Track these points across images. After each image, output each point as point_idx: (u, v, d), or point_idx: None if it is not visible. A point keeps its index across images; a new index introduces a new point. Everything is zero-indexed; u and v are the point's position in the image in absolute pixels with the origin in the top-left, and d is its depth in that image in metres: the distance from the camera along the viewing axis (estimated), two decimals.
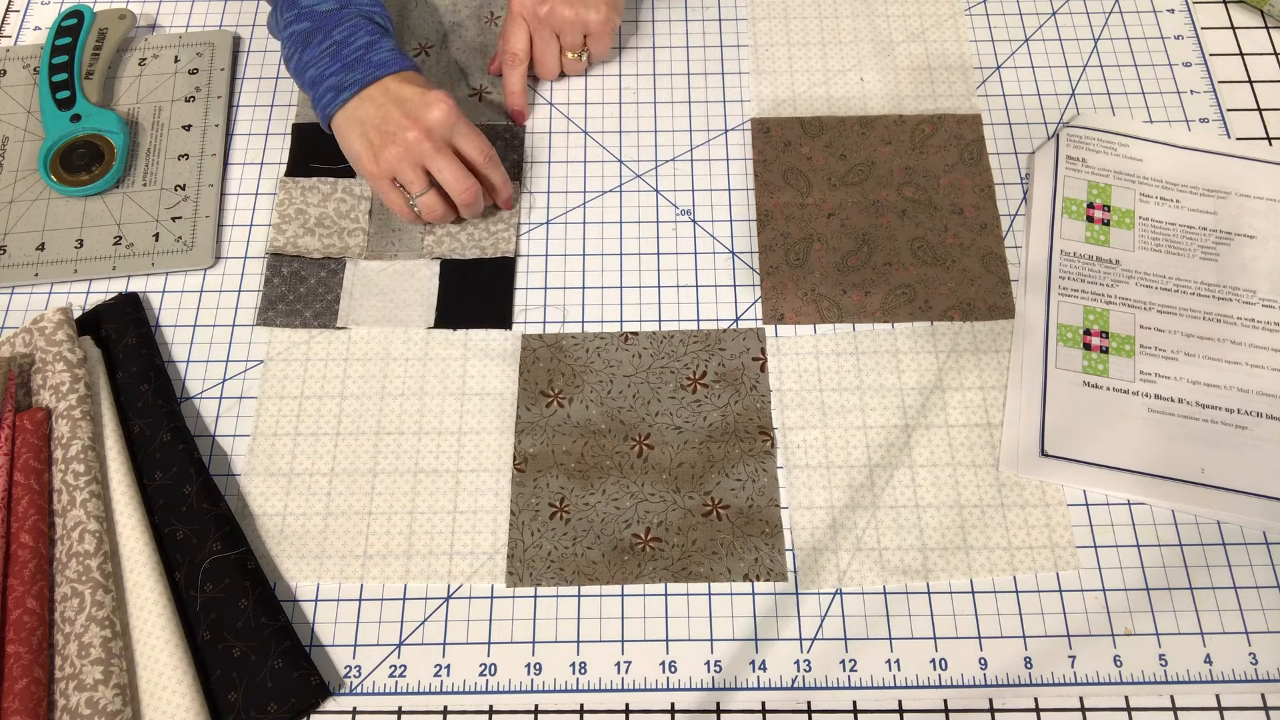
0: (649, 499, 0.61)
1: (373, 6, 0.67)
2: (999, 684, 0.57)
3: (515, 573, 0.60)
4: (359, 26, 0.65)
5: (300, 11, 0.66)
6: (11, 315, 0.69)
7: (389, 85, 0.64)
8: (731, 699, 0.57)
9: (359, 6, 0.66)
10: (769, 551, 0.60)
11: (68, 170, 0.71)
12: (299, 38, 0.66)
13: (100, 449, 0.61)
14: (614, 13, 0.71)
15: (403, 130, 0.63)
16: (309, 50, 0.65)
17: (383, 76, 0.64)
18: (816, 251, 0.70)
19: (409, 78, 0.65)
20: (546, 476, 0.62)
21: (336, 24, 0.65)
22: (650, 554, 0.60)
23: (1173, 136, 0.74)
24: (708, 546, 0.60)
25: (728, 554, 0.60)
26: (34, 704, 0.52)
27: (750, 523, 0.61)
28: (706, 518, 0.61)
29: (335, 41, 0.64)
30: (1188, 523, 0.61)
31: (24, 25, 0.81)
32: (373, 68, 0.64)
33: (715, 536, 0.60)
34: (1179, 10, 0.80)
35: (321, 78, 0.65)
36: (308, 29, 0.65)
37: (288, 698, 0.55)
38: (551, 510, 0.61)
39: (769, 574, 0.60)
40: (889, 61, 0.77)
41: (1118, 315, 0.67)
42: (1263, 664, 0.57)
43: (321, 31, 0.65)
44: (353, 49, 0.64)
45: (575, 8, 0.70)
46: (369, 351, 0.67)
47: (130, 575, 0.57)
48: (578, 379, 0.65)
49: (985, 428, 0.64)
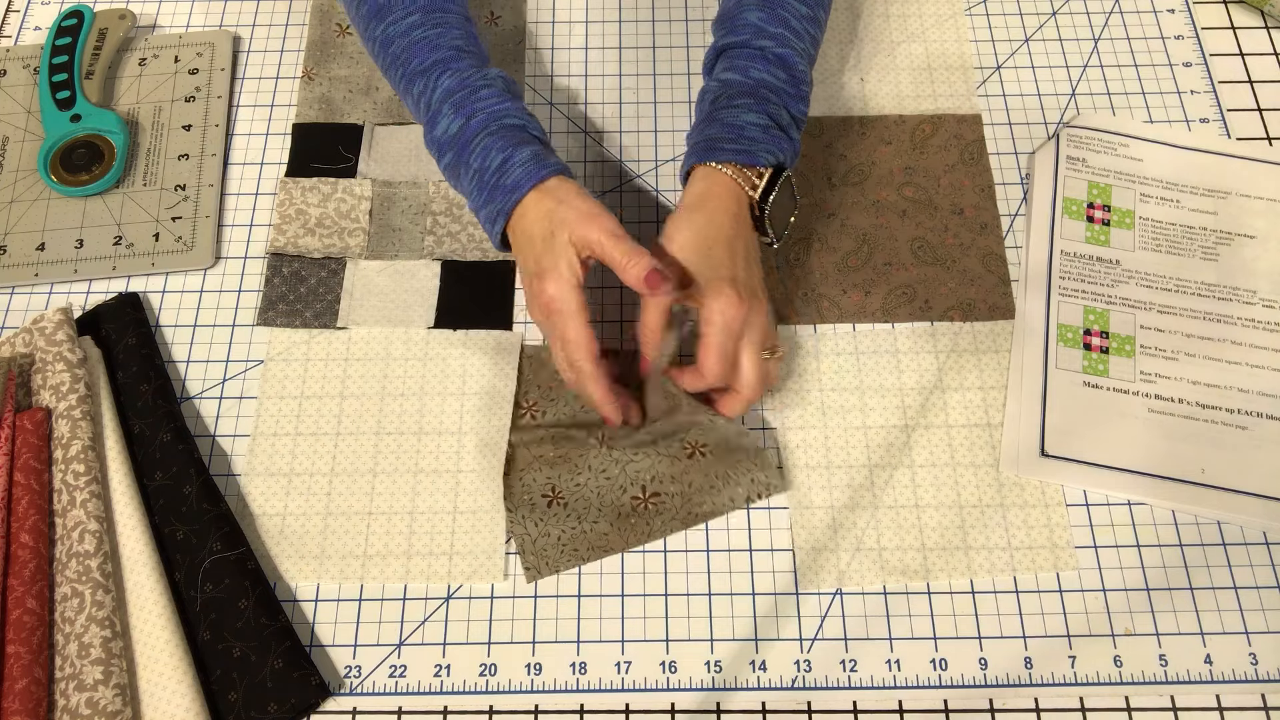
0: (635, 459, 0.61)
1: (500, 103, 0.61)
2: (999, 684, 0.57)
3: (533, 567, 0.60)
4: (489, 148, 0.59)
5: (439, 144, 0.62)
6: (11, 315, 0.69)
7: (528, 215, 0.58)
8: (731, 699, 0.57)
9: (486, 113, 0.60)
10: (761, 470, 0.61)
11: (68, 170, 0.71)
12: (449, 170, 0.62)
13: (100, 449, 0.61)
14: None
15: (529, 290, 0.59)
16: (460, 183, 0.62)
17: (518, 200, 0.58)
18: (816, 251, 0.70)
19: (541, 203, 0.58)
20: (531, 472, 0.62)
21: (468, 149, 0.60)
22: (654, 509, 0.60)
23: (1173, 136, 0.74)
24: (704, 484, 0.60)
25: (725, 484, 0.60)
26: (34, 704, 0.52)
27: (732, 451, 0.61)
28: (691, 459, 0.61)
29: (474, 169, 0.60)
30: (1188, 523, 0.61)
31: (24, 25, 0.81)
32: (507, 193, 0.58)
33: (708, 471, 0.61)
34: (1179, 10, 0.80)
35: (477, 209, 0.61)
36: (451, 160, 0.61)
37: (288, 698, 0.55)
38: (547, 500, 0.61)
39: (768, 489, 0.60)
40: (889, 61, 0.77)
41: (1118, 315, 0.67)
42: (1263, 664, 0.57)
43: (461, 161, 0.61)
44: (489, 174, 0.59)
45: (765, 307, 0.61)
46: (369, 352, 0.67)
47: (130, 575, 0.57)
48: (554, 393, 0.65)
49: (985, 428, 0.64)
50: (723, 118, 0.61)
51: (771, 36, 0.63)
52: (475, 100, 0.60)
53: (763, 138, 0.61)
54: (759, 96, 0.62)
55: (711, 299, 0.57)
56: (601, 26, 0.80)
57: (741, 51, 0.63)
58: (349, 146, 0.74)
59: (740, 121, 0.61)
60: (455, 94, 0.61)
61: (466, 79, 0.61)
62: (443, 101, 0.61)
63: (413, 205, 0.72)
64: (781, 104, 0.62)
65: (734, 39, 0.63)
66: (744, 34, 0.63)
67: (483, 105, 0.60)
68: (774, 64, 0.62)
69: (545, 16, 0.80)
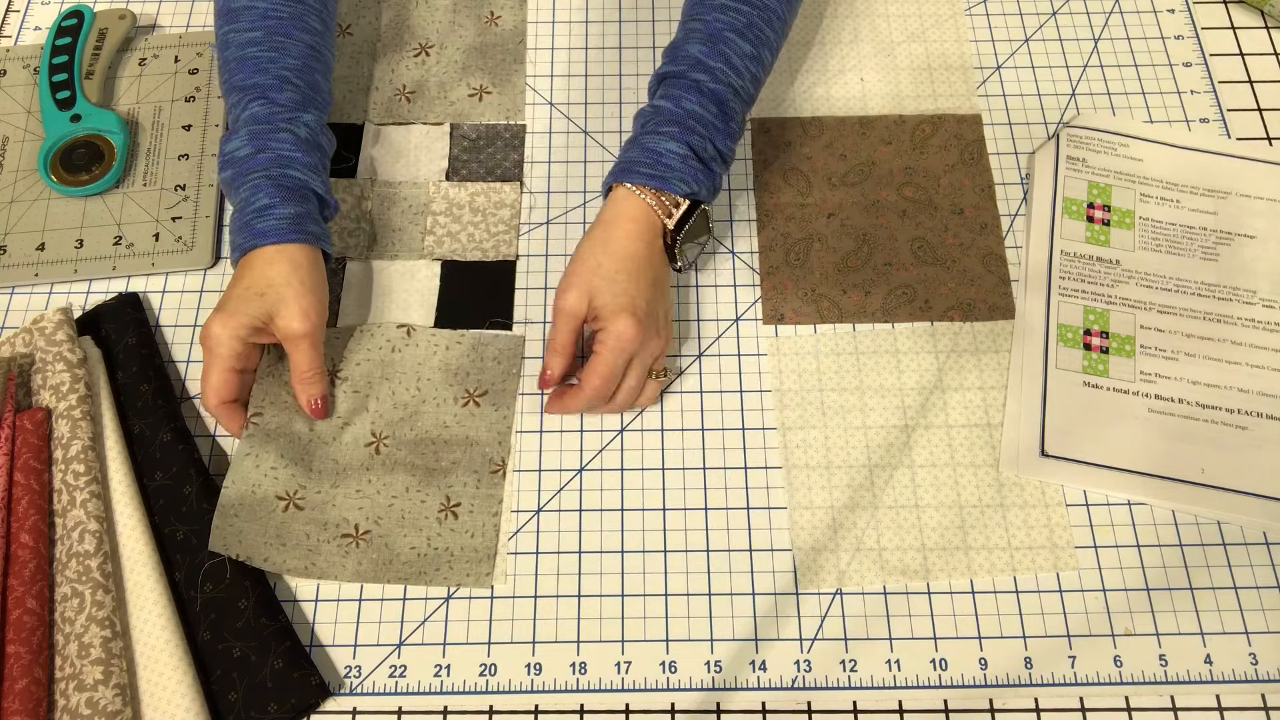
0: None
1: (292, 150, 0.62)
2: (999, 684, 0.57)
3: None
4: (259, 188, 0.61)
5: (225, 159, 0.63)
6: (11, 315, 0.69)
7: (252, 264, 0.60)
8: (731, 699, 0.57)
9: (275, 152, 0.62)
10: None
11: (68, 170, 0.71)
12: (224, 184, 0.63)
13: (100, 449, 0.61)
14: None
15: (208, 321, 0.60)
16: (231, 201, 0.63)
17: (256, 246, 0.60)
18: (816, 251, 0.70)
19: (267, 264, 0.60)
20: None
21: (245, 179, 0.62)
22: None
23: (1173, 136, 0.74)
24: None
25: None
26: (34, 704, 0.52)
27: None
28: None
29: (242, 199, 0.62)
30: (1188, 523, 0.61)
31: (24, 25, 0.81)
32: (253, 236, 0.60)
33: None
34: (1179, 10, 0.80)
35: (232, 230, 0.62)
36: (228, 178, 0.63)
37: (288, 698, 0.55)
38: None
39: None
40: (889, 61, 0.77)
41: (1118, 315, 0.67)
42: (1263, 664, 0.57)
43: (235, 183, 0.62)
44: (250, 210, 0.61)
45: (663, 334, 0.63)
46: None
47: (130, 575, 0.57)
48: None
49: (985, 428, 0.64)
50: (645, 142, 0.63)
51: (709, 71, 0.63)
52: (270, 137, 0.62)
53: (680, 167, 0.62)
54: (685, 126, 0.62)
55: (609, 323, 0.60)
56: (601, 26, 0.80)
57: (678, 81, 0.64)
58: (349, 146, 0.74)
59: (660, 149, 0.62)
60: (258, 124, 0.63)
61: (275, 114, 0.63)
62: (245, 125, 0.63)
63: (413, 205, 0.72)
64: (708, 137, 0.63)
65: (674, 68, 0.64)
66: (683, 64, 0.64)
67: (275, 146, 0.62)
68: (707, 97, 0.63)
69: (545, 16, 0.80)
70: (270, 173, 0.62)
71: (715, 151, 0.63)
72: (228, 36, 0.65)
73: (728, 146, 0.64)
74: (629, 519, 0.62)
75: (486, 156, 0.74)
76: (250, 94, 0.64)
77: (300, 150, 0.63)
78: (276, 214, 0.61)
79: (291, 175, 0.62)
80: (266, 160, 0.62)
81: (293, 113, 0.64)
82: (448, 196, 0.72)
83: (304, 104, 0.65)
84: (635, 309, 0.60)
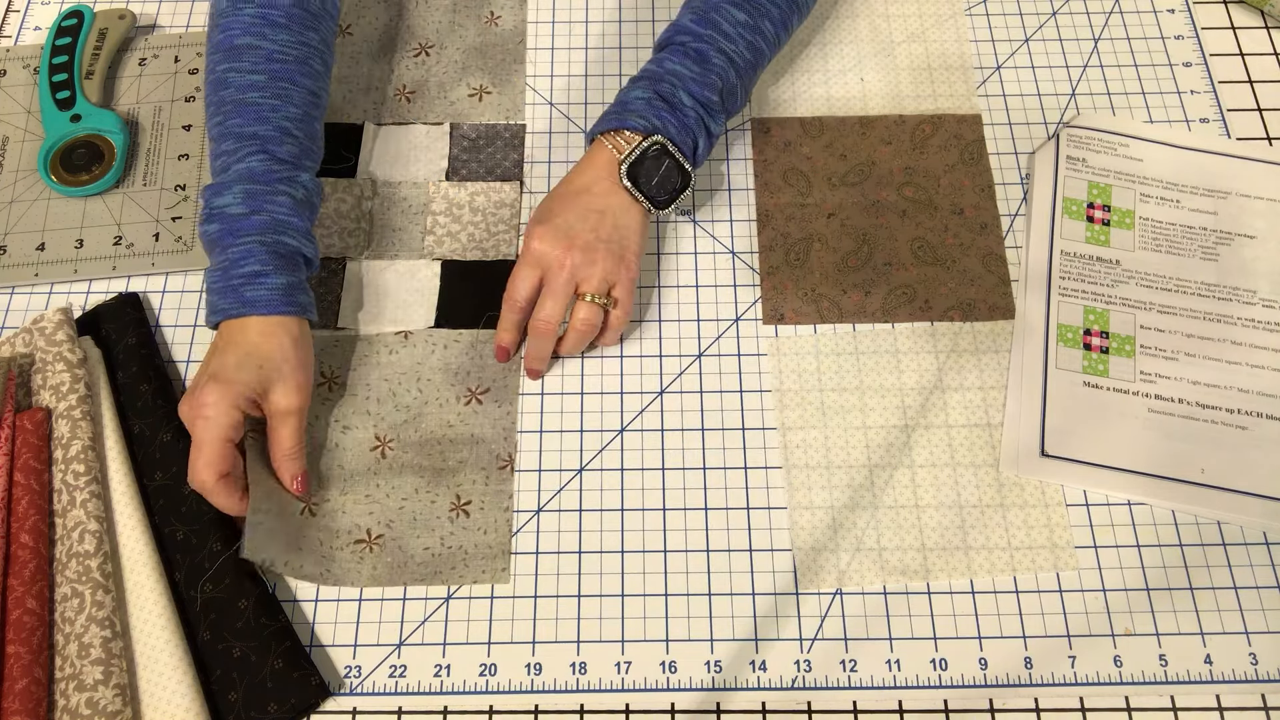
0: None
1: (289, 216, 0.60)
2: (999, 684, 0.57)
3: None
4: (251, 253, 0.59)
5: (211, 212, 0.60)
6: (11, 315, 0.69)
7: (240, 333, 0.58)
8: (731, 699, 0.57)
9: (271, 215, 0.60)
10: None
11: (68, 170, 0.71)
12: (207, 239, 0.61)
13: (100, 449, 0.61)
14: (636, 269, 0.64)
15: (193, 389, 0.58)
16: (211, 256, 0.61)
17: (242, 315, 0.58)
18: (816, 251, 0.70)
19: (260, 336, 0.58)
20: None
21: (235, 239, 0.59)
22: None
23: (1173, 136, 0.74)
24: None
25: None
26: (34, 704, 0.52)
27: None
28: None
29: (229, 259, 0.59)
30: (1188, 523, 0.61)
31: (24, 25, 0.81)
32: (240, 304, 0.58)
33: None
34: (1179, 10, 0.80)
35: (209, 288, 0.60)
36: (214, 233, 0.60)
37: (288, 698, 0.55)
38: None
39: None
40: (889, 61, 0.77)
41: (1118, 315, 0.67)
42: (1263, 664, 0.57)
43: (222, 243, 0.59)
44: (237, 274, 0.59)
45: (604, 257, 0.62)
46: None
47: (130, 575, 0.57)
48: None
49: (985, 428, 0.64)
50: (618, 97, 0.66)
51: (696, 35, 0.66)
52: (266, 200, 0.60)
53: (641, 108, 0.64)
54: (656, 79, 0.65)
55: (528, 238, 0.63)
56: (601, 26, 0.80)
57: (667, 48, 0.67)
58: (349, 146, 0.74)
59: (627, 97, 0.65)
60: (255, 181, 0.60)
61: (273, 170, 0.61)
62: (239, 180, 0.60)
63: (413, 205, 0.72)
64: (680, 86, 0.65)
65: (665, 38, 0.68)
66: (672, 33, 0.67)
67: (271, 209, 0.60)
68: (689, 56, 0.65)
69: (545, 16, 0.80)
70: (265, 239, 0.59)
71: (691, 99, 0.65)
72: (226, 75, 0.62)
73: (703, 95, 0.65)
74: (629, 519, 0.62)
75: (486, 156, 0.74)
76: (249, 145, 0.61)
77: (296, 214, 0.61)
78: (269, 283, 0.59)
79: (285, 242, 0.60)
80: (261, 224, 0.59)
81: (292, 170, 0.62)
82: (448, 196, 0.72)
83: (301, 157, 0.63)
84: (549, 222, 0.62)
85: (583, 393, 0.66)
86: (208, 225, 0.60)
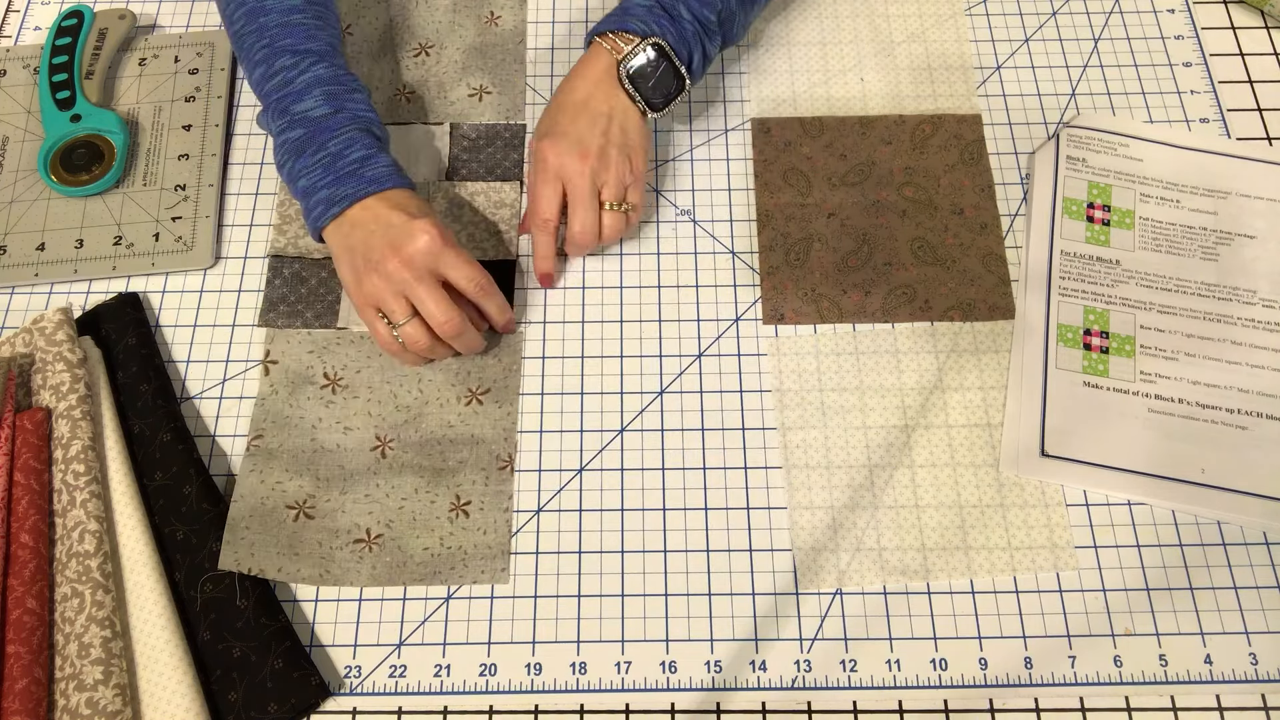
0: None
1: (368, 112, 0.64)
2: (999, 684, 0.57)
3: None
4: (355, 140, 0.62)
5: (293, 118, 0.62)
6: (11, 315, 0.69)
7: (378, 207, 0.60)
8: (731, 699, 0.57)
9: (353, 112, 0.63)
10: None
11: (68, 170, 0.71)
12: (292, 145, 0.62)
13: (100, 449, 0.61)
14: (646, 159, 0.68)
15: (385, 259, 0.59)
16: (302, 159, 0.62)
17: (375, 193, 0.61)
18: (816, 251, 0.70)
19: (400, 199, 0.61)
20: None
21: (332, 134, 0.62)
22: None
23: (1173, 136, 0.74)
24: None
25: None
26: (34, 704, 0.52)
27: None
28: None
29: (330, 153, 0.61)
30: (1188, 523, 0.61)
31: (24, 25, 0.81)
32: (365, 183, 0.61)
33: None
34: (1179, 10, 0.80)
35: (314, 188, 0.61)
36: (301, 136, 0.62)
37: (288, 698, 0.55)
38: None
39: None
40: (889, 61, 0.77)
41: (1118, 315, 0.67)
42: (1263, 664, 0.57)
43: (316, 141, 0.62)
44: (347, 161, 0.61)
45: (619, 157, 0.65)
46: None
47: (130, 575, 0.57)
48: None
49: (985, 428, 0.64)
50: (619, 4, 0.68)
51: None
52: (346, 97, 0.64)
53: (642, 14, 0.66)
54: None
55: (540, 153, 0.64)
56: None
57: None
58: None
59: (629, 4, 0.67)
60: (328, 84, 0.63)
61: (340, 76, 0.64)
62: (313, 85, 0.63)
63: None
64: (681, 0, 0.66)
65: None
66: None
67: (351, 106, 0.64)
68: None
69: (545, 16, 0.80)
70: (359, 125, 0.63)
71: (689, 14, 0.66)
72: (264, 3, 0.65)
73: (703, 13, 0.67)
74: (629, 519, 0.62)
75: (486, 156, 0.74)
76: (309, 58, 0.64)
77: (373, 110, 0.65)
78: (382, 160, 0.62)
79: (374, 131, 0.64)
80: (348, 117, 0.63)
81: (352, 76, 0.65)
82: (448, 196, 0.72)
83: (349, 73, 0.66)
84: (558, 134, 0.64)
85: (583, 393, 0.66)
86: (290, 132, 0.63)
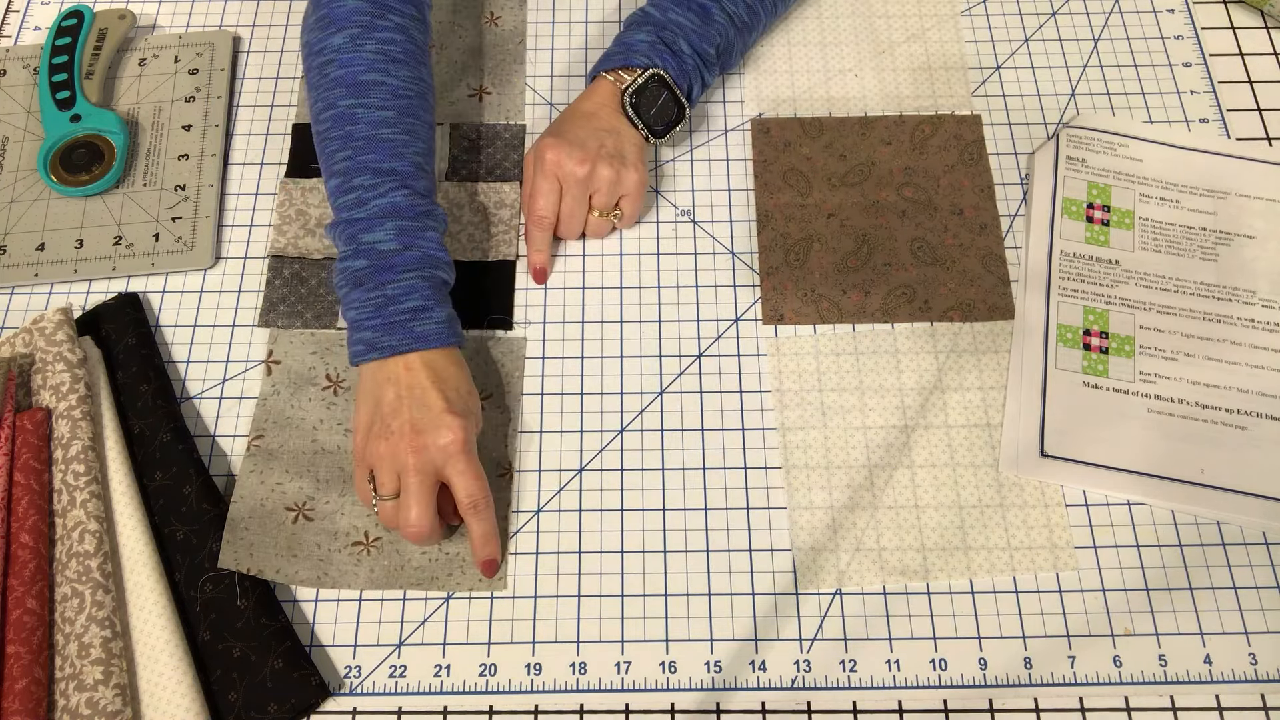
0: None
1: (438, 251, 0.61)
2: (999, 684, 0.57)
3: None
4: (414, 288, 0.59)
5: (360, 247, 0.60)
6: (11, 315, 0.69)
7: (420, 374, 0.58)
8: (731, 699, 0.57)
9: (423, 250, 0.60)
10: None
11: (68, 170, 0.71)
12: (353, 275, 0.60)
13: (100, 449, 0.61)
14: (645, 174, 0.68)
15: (401, 436, 0.56)
16: (359, 291, 0.59)
17: (419, 350, 0.58)
18: (816, 252, 0.70)
19: (444, 368, 0.59)
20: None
21: (394, 276, 0.59)
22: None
23: (1173, 137, 0.74)
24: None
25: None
26: (34, 704, 0.52)
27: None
28: None
29: (386, 295, 0.59)
30: (1188, 523, 0.62)
31: (24, 25, 0.81)
32: (412, 339, 0.58)
33: None
34: (1179, 10, 0.80)
35: (359, 325, 0.59)
36: (364, 269, 0.59)
37: (288, 698, 0.55)
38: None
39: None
40: (888, 62, 0.77)
41: (1118, 315, 0.67)
42: (1263, 664, 0.57)
43: (376, 279, 0.59)
44: (400, 310, 0.59)
45: (616, 167, 0.66)
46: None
47: (130, 575, 0.57)
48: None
49: (985, 428, 0.64)
50: (620, 38, 0.70)
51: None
52: (418, 235, 0.60)
53: (644, 49, 0.68)
54: (660, 26, 0.69)
55: (541, 150, 0.66)
56: (601, 27, 0.80)
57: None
58: None
59: (631, 40, 0.69)
60: (403, 216, 0.60)
61: (417, 204, 0.61)
62: (388, 216, 0.60)
63: None
64: (681, 35, 0.68)
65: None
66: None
67: (422, 244, 0.60)
68: (692, 10, 0.69)
69: (545, 16, 0.80)
70: (424, 273, 0.60)
71: (691, 49, 0.68)
72: (353, 111, 0.62)
73: (703, 48, 0.69)
74: (629, 519, 0.62)
75: (486, 156, 0.74)
76: (389, 180, 0.61)
77: (442, 249, 0.61)
78: (435, 316, 0.59)
79: (439, 275, 0.61)
80: (416, 259, 0.60)
81: (430, 204, 0.62)
82: (448, 196, 0.72)
83: (432, 191, 0.64)
84: (559, 135, 0.66)
85: (583, 393, 0.66)
86: (354, 260, 0.60)
